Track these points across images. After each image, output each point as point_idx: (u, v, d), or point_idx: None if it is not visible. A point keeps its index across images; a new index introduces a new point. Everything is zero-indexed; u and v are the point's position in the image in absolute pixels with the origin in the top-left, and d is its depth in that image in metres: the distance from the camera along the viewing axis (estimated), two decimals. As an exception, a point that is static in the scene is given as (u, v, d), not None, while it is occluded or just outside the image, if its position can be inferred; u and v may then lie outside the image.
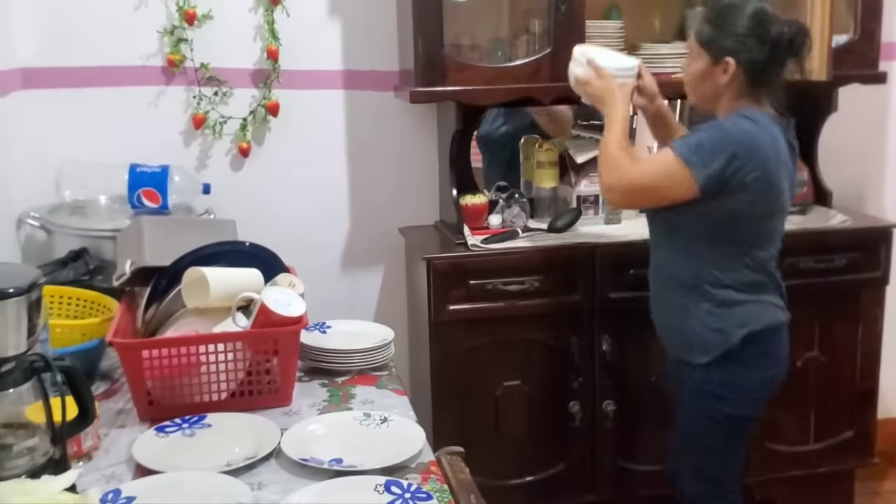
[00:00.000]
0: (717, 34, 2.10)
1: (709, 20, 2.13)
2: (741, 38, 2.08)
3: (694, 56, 2.15)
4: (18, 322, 1.39)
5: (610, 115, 2.24)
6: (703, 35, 2.12)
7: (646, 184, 2.14)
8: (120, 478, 1.51)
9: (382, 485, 1.43)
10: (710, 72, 2.12)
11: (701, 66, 2.13)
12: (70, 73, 2.72)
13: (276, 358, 1.79)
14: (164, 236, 1.98)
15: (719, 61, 2.10)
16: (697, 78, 2.15)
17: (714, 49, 2.10)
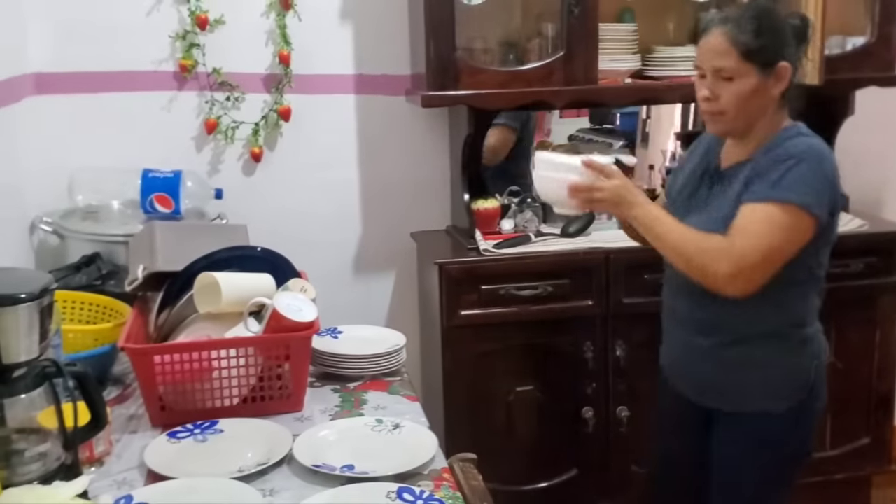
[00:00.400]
0: (763, 40, 1.81)
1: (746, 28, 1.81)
2: (783, 37, 1.85)
3: (736, 75, 1.81)
4: (30, 328, 1.38)
5: (643, 211, 1.87)
6: (748, 45, 1.80)
7: (767, 251, 1.77)
8: (132, 483, 1.50)
9: (395, 492, 1.42)
10: (763, 85, 1.83)
11: (751, 83, 1.82)
12: (83, 78, 2.73)
13: (287, 363, 1.78)
14: (176, 241, 1.98)
15: (771, 69, 1.82)
16: (746, 98, 1.82)
17: (764, 57, 1.81)
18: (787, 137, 1.85)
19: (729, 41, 1.81)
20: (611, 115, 3.20)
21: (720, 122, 1.87)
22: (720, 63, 1.82)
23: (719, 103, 1.84)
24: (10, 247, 2.44)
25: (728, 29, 1.81)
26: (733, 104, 1.83)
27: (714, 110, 1.86)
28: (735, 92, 1.82)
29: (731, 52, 1.81)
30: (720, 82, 1.83)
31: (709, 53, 1.84)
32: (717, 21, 1.85)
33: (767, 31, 1.82)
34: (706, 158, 2.01)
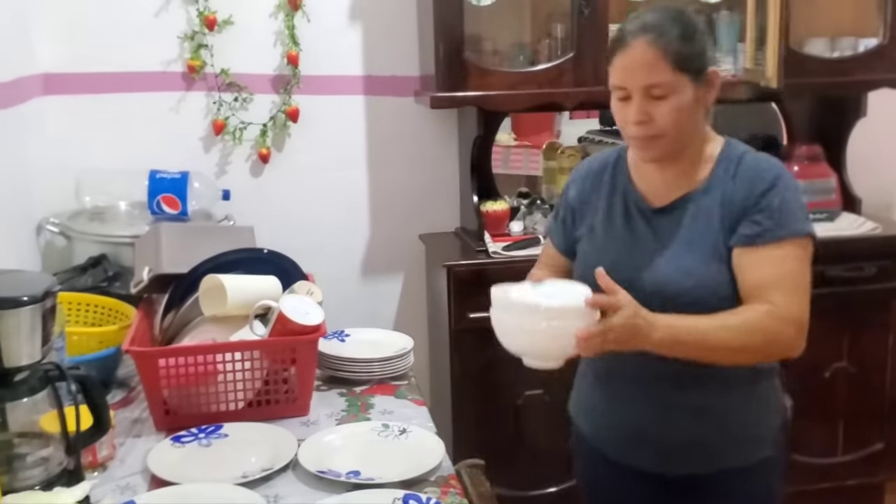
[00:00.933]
0: (692, 45, 1.57)
1: (672, 33, 1.56)
2: (706, 38, 1.62)
3: (670, 90, 1.54)
4: (32, 331, 1.37)
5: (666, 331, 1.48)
6: (680, 53, 1.55)
7: (806, 294, 1.57)
8: (135, 489, 1.49)
9: (401, 499, 1.40)
10: (697, 95, 1.58)
11: (688, 95, 1.56)
12: (90, 78, 2.72)
13: (293, 367, 1.76)
14: (181, 243, 1.96)
15: (703, 77, 1.58)
16: (685, 114, 1.57)
17: (696, 64, 1.57)
18: (739, 156, 1.62)
19: (658, 52, 1.53)
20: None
21: (656, 147, 1.59)
22: (652, 79, 1.53)
23: (655, 125, 1.56)
24: (17, 247, 2.43)
25: (653, 38, 1.54)
26: (672, 124, 1.56)
27: (650, 134, 1.57)
28: (672, 109, 1.55)
29: (661, 64, 1.53)
30: (652, 101, 1.55)
31: (635, 70, 1.55)
32: (637, 30, 1.55)
33: (693, 34, 1.58)
34: (617, 197, 1.69)
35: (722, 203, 1.59)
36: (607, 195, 1.72)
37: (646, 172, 1.67)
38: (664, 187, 1.65)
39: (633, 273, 1.60)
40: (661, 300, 1.54)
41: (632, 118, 1.57)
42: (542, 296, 1.47)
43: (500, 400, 2.69)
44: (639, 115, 1.56)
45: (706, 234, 1.59)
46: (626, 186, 1.70)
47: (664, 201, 1.65)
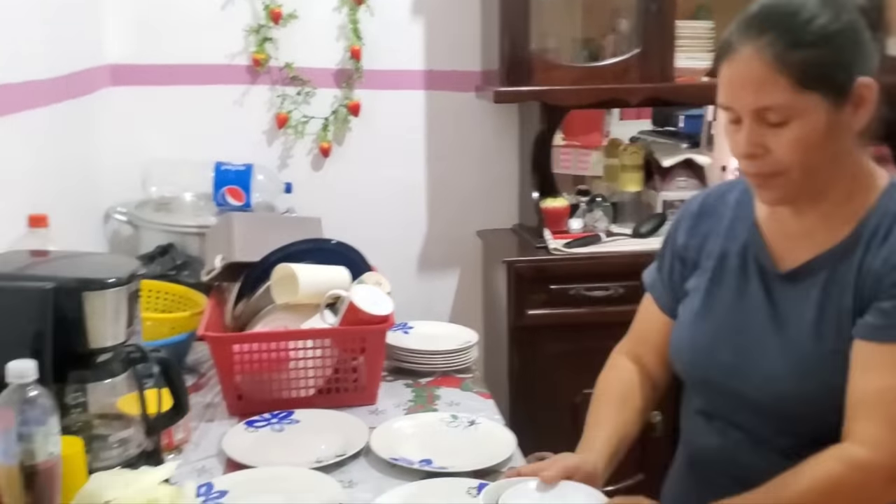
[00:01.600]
0: (827, 49, 1.17)
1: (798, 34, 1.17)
2: (857, 34, 1.19)
3: (793, 114, 1.18)
4: (117, 312, 1.39)
5: None
6: (806, 63, 1.16)
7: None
8: (211, 471, 1.51)
9: (475, 487, 1.40)
10: (836, 120, 1.18)
11: (819, 121, 1.18)
12: (158, 70, 2.76)
13: (362, 356, 1.77)
14: (252, 233, 1.98)
15: (846, 94, 1.18)
16: (816, 145, 1.19)
17: (833, 77, 1.18)
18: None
19: (771, 63, 1.16)
20: (674, 117, 3.15)
21: (776, 188, 1.24)
22: (764, 100, 1.18)
23: (772, 160, 1.20)
24: (85, 235, 2.47)
25: (765, 43, 1.17)
26: (796, 158, 1.19)
27: (765, 171, 1.22)
28: (795, 139, 1.18)
29: (776, 81, 1.16)
30: (768, 129, 1.19)
31: (742, 87, 1.19)
32: (744, 31, 1.19)
33: (831, 33, 1.17)
34: (734, 246, 1.35)
35: (860, 272, 1.21)
36: (723, 241, 1.37)
37: (779, 217, 1.30)
38: (800, 240, 1.28)
39: (734, 360, 1.30)
40: (770, 402, 1.26)
41: (741, 149, 1.22)
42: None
43: (558, 397, 2.67)
44: (748, 145, 1.21)
45: (837, 315, 1.22)
46: (750, 233, 1.34)
47: (795, 262, 1.28)
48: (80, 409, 1.40)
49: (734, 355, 1.30)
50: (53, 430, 1.16)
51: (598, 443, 1.42)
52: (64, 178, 2.27)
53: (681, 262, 1.43)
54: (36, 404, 1.15)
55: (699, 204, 1.44)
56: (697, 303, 1.37)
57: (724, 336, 1.33)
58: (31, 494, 1.13)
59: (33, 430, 1.14)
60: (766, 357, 1.27)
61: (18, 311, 1.32)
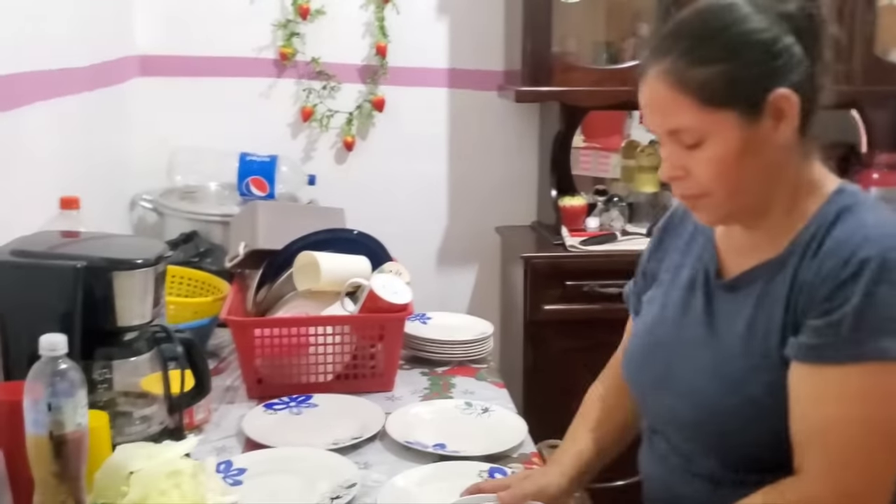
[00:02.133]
0: (731, 63, 1.11)
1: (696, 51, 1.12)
2: (767, 43, 1.12)
3: (702, 135, 1.13)
4: (145, 292, 1.44)
5: None
6: (706, 80, 1.11)
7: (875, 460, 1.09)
8: (230, 450, 1.55)
9: (486, 471, 1.44)
10: (754, 135, 1.13)
11: (733, 138, 1.12)
12: (186, 62, 2.82)
13: (381, 343, 1.81)
14: (276, 221, 2.03)
15: (759, 107, 1.12)
16: (733, 164, 1.14)
17: (742, 91, 1.12)
18: (835, 215, 1.15)
19: (674, 84, 1.12)
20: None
21: (707, 209, 1.20)
22: (672, 123, 1.14)
23: (695, 182, 1.16)
24: (111, 221, 2.52)
25: (670, 63, 1.12)
26: (715, 180, 1.15)
27: (690, 194, 1.18)
28: (711, 160, 1.13)
29: (681, 102, 1.12)
30: (685, 150, 1.15)
31: (651, 111, 1.17)
32: (653, 53, 1.16)
33: (736, 47, 1.12)
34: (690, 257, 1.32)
35: (793, 285, 1.14)
36: (680, 256, 1.34)
37: (731, 231, 1.27)
38: (747, 254, 1.23)
39: (663, 371, 1.27)
40: (694, 415, 1.22)
41: (663, 172, 1.20)
42: None
43: (571, 390, 2.68)
44: (669, 168, 1.18)
45: (766, 328, 1.16)
46: (705, 247, 1.30)
47: (730, 273, 1.25)
48: (105, 385, 1.44)
49: (664, 366, 1.27)
50: (82, 402, 1.20)
51: (566, 458, 1.41)
52: (93, 164, 2.33)
53: (643, 276, 1.45)
54: (66, 377, 1.19)
55: (667, 219, 1.42)
56: (647, 316, 1.37)
57: (660, 347, 1.30)
58: (60, 463, 1.17)
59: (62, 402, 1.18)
60: (694, 369, 1.23)
61: (49, 289, 1.37)
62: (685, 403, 1.22)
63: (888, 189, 2.84)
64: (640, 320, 1.40)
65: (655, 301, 1.35)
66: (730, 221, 1.23)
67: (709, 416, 1.19)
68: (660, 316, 1.32)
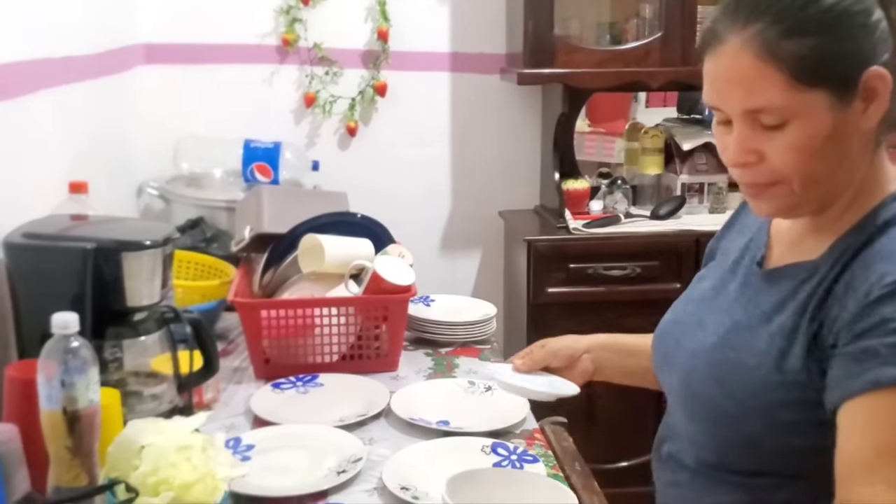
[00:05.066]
0: (829, 36, 1.00)
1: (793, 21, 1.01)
2: (863, 15, 1.01)
3: (790, 115, 1.02)
4: (153, 273, 1.46)
5: None
6: (803, 54, 1.00)
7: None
8: (239, 428, 1.58)
9: (489, 446, 1.47)
10: (846, 117, 1.02)
11: (823, 122, 1.01)
12: (190, 49, 2.84)
13: (385, 324, 1.84)
14: (281, 205, 2.05)
15: (853, 88, 1.01)
16: (823, 147, 1.03)
17: (836, 69, 1.01)
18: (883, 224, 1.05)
19: (764, 56, 1.00)
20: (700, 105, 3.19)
21: (775, 199, 1.08)
22: (756, 101, 1.02)
23: (770, 168, 1.05)
24: (119, 208, 2.54)
25: (757, 32, 1.00)
26: (794, 166, 1.04)
27: (762, 182, 1.07)
28: (795, 145, 1.02)
29: (771, 77, 1.00)
30: (762, 132, 1.03)
31: (730, 86, 1.04)
32: (733, 19, 1.03)
33: (833, 17, 1.00)
34: (745, 241, 1.27)
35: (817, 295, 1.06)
36: (737, 236, 1.30)
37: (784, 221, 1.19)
38: (794, 240, 1.16)
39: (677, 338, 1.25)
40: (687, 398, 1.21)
41: (731, 157, 1.07)
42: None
43: (575, 374, 2.73)
44: (740, 153, 1.06)
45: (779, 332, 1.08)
46: (759, 230, 1.24)
47: (771, 262, 1.18)
48: (116, 364, 1.47)
49: (674, 345, 1.25)
50: (94, 379, 1.23)
51: (588, 336, 1.53)
52: (100, 152, 2.35)
53: (707, 256, 1.38)
54: (78, 354, 1.21)
55: (735, 213, 1.36)
56: (684, 293, 1.33)
57: (679, 325, 1.27)
58: (73, 438, 1.20)
59: (75, 379, 1.20)
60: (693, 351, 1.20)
61: (60, 270, 1.40)
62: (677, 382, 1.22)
63: None
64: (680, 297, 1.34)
65: (698, 280, 1.32)
66: (792, 214, 1.11)
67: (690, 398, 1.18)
68: (693, 295, 1.28)
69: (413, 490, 1.33)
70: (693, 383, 1.17)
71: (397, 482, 1.35)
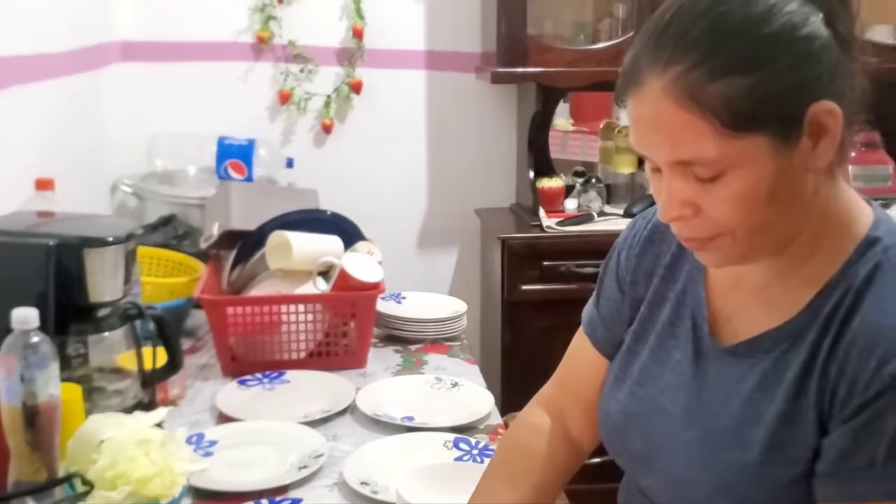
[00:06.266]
0: (761, 79, 0.85)
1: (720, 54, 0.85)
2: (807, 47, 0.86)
3: (727, 165, 0.87)
4: (115, 269, 1.47)
5: None
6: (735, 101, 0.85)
7: None
8: (203, 424, 1.59)
9: (451, 441, 1.48)
10: (788, 162, 0.88)
11: (766, 167, 0.87)
12: (165, 47, 2.83)
13: (353, 321, 1.85)
14: (250, 202, 2.06)
15: (798, 127, 0.87)
16: (767, 195, 0.88)
17: (776, 108, 0.86)
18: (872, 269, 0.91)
19: (688, 104, 0.86)
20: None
21: (721, 251, 0.94)
22: (685, 153, 0.88)
23: (709, 222, 0.91)
24: (92, 206, 2.54)
25: (680, 74, 0.86)
26: (736, 219, 0.90)
27: (702, 236, 0.93)
28: (734, 197, 0.88)
29: (698, 127, 0.86)
30: (697, 184, 0.89)
31: (654, 135, 0.89)
32: (653, 58, 0.88)
33: (766, 49, 0.86)
34: (684, 295, 1.06)
35: (813, 375, 0.91)
36: (659, 281, 1.09)
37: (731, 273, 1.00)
38: (751, 300, 0.99)
39: (643, 450, 1.05)
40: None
41: (663, 211, 0.93)
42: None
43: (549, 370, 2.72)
44: (672, 207, 0.91)
45: (768, 415, 0.93)
46: (691, 276, 1.06)
47: (738, 331, 0.99)
48: (80, 359, 1.47)
49: (644, 444, 1.04)
50: (54, 374, 1.24)
51: None
52: (73, 149, 2.35)
53: (619, 290, 1.14)
54: (38, 350, 1.22)
55: (651, 225, 1.11)
56: (617, 361, 1.11)
57: (635, 416, 1.05)
58: (33, 432, 1.21)
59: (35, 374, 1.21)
60: (676, 454, 0.99)
61: (23, 266, 1.40)
62: (671, 497, 1.02)
63: (865, 167, 2.88)
64: (612, 366, 1.12)
65: (643, 341, 1.08)
66: (744, 262, 0.96)
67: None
68: (632, 368, 1.08)
69: (373, 485, 1.34)
70: (695, 498, 0.98)
71: (358, 477, 1.36)
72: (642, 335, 1.08)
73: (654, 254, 1.10)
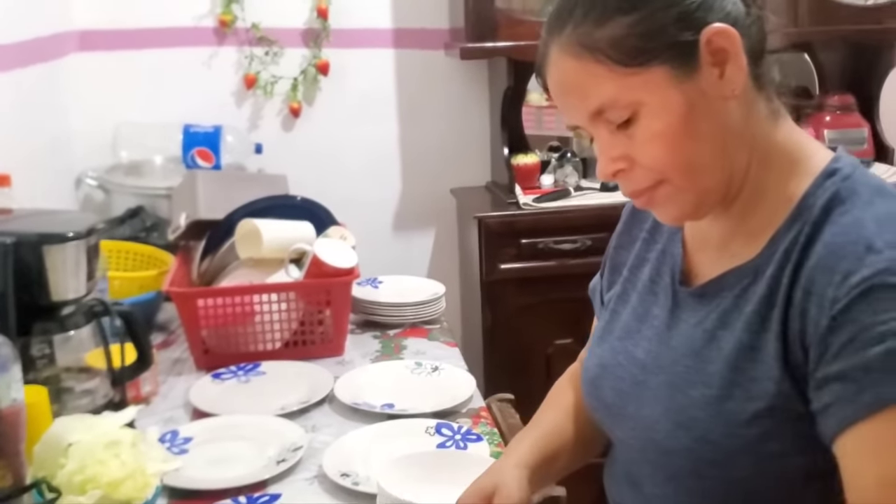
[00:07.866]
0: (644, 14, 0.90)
1: (591, 10, 0.92)
2: None
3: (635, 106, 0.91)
4: (77, 266, 1.42)
5: None
6: (612, 40, 0.90)
7: None
8: (177, 421, 1.54)
9: (433, 427, 1.45)
10: (696, 91, 0.91)
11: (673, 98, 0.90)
12: (125, 35, 2.75)
13: (328, 308, 1.80)
14: (217, 191, 2.00)
15: (688, 54, 0.90)
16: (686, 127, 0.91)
17: (659, 40, 0.90)
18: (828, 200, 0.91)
19: (581, 53, 0.91)
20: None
21: (669, 203, 0.96)
22: (591, 101, 0.92)
23: (643, 170, 0.94)
24: (57, 201, 2.48)
25: (570, 32, 0.92)
26: (665, 158, 0.92)
27: (643, 186, 0.95)
28: (653, 136, 0.91)
29: (595, 72, 0.91)
30: (621, 134, 0.93)
31: (565, 96, 0.95)
32: (550, 31, 0.96)
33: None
34: (655, 248, 1.10)
35: (775, 306, 0.91)
36: (641, 245, 1.13)
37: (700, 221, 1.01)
38: (717, 250, 1.01)
39: (614, 399, 1.07)
40: (651, 454, 1.01)
41: (602, 170, 0.96)
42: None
43: (531, 349, 2.72)
44: (607, 163, 0.95)
45: (730, 352, 0.94)
46: (672, 234, 1.08)
47: (706, 275, 1.01)
48: (45, 360, 1.42)
49: (615, 394, 1.06)
50: (16, 377, 1.18)
51: (523, 447, 1.15)
52: (33, 143, 2.28)
53: (609, 267, 1.19)
54: (-2, 353, 1.17)
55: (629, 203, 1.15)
56: (601, 322, 1.15)
57: (609, 367, 1.08)
58: (-4, 439, 1.16)
59: (-5, 379, 1.16)
60: (643, 398, 1.01)
61: (-20, 267, 1.35)
62: (638, 441, 1.03)
63: (840, 131, 2.86)
64: (598, 325, 1.17)
65: (612, 303, 1.13)
66: (699, 213, 0.97)
67: (664, 456, 0.98)
68: (614, 326, 1.10)
69: (354, 476, 1.31)
70: (658, 439, 0.98)
71: (338, 469, 1.32)
72: (623, 296, 1.12)
73: (638, 219, 1.15)
